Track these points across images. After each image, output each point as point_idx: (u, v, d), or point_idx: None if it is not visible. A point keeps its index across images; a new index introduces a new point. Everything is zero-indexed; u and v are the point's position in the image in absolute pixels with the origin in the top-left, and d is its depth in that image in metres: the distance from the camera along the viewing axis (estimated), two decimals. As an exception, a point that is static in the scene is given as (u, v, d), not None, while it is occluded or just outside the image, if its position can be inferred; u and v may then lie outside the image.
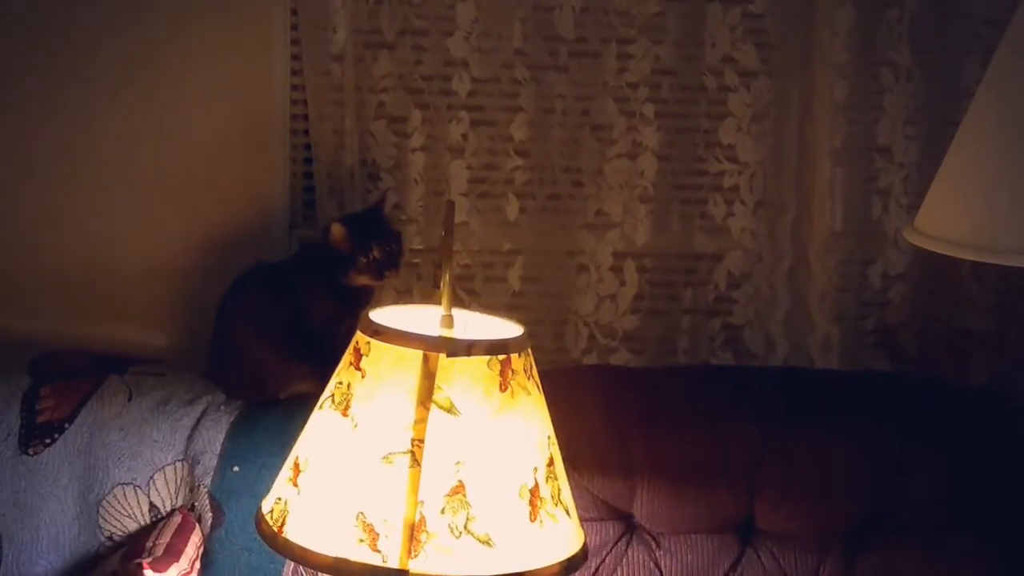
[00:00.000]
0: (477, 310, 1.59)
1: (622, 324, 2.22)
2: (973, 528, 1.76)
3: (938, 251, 1.62)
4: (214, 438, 1.94)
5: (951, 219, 1.59)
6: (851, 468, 1.77)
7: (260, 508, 1.50)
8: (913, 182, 2.17)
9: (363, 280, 1.97)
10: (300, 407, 1.57)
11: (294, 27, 2.14)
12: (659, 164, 2.20)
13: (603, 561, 1.79)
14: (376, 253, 1.96)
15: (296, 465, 1.47)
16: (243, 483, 1.90)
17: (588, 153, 2.19)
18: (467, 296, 2.19)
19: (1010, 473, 1.80)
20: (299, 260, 2.04)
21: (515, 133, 2.18)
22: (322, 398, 1.49)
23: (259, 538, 1.47)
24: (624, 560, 1.79)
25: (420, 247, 2.17)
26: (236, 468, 1.92)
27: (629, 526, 1.82)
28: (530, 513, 1.43)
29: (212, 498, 1.91)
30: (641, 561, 1.79)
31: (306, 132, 2.18)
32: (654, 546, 1.81)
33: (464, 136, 2.17)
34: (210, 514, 1.90)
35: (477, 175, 2.19)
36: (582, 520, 1.75)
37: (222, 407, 1.98)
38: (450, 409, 1.40)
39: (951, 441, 1.79)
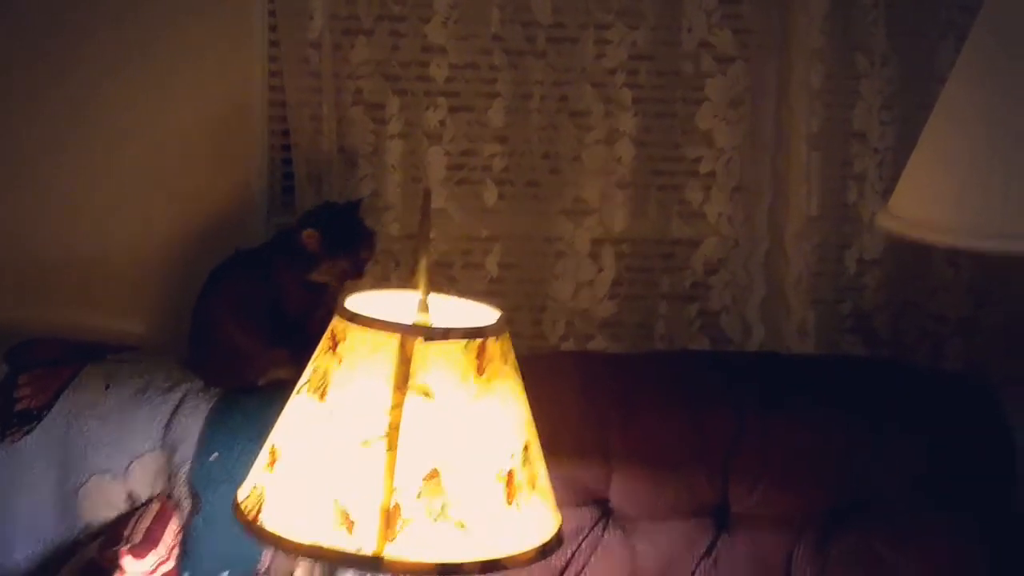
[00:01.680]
0: (454, 295, 1.60)
1: (600, 310, 2.23)
2: (947, 510, 1.78)
3: (910, 236, 1.63)
4: (192, 426, 1.94)
5: (924, 204, 1.60)
6: (825, 451, 1.78)
7: (236, 495, 1.50)
8: (888, 167, 2.18)
9: (324, 280, 1.97)
10: (278, 393, 1.57)
11: (271, 14, 2.14)
12: (636, 150, 2.20)
13: (579, 546, 1.80)
14: (343, 263, 1.95)
15: (273, 451, 1.47)
16: (221, 470, 1.90)
17: (566, 139, 2.20)
18: (445, 283, 2.19)
19: (983, 455, 1.81)
20: (275, 246, 2.04)
21: (493, 119, 2.18)
22: (299, 384, 1.49)
23: (237, 525, 1.48)
24: (600, 545, 1.80)
25: (398, 234, 2.17)
26: (214, 456, 1.92)
27: (605, 511, 1.83)
28: (506, 498, 1.44)
29: (190, 486, 1.91)
30: (617, 546, 1.80)
31: (284, 119, 2.17)
32: (630, 531, 1.81)
33: (442, 122, 2.17)
34: (188, 501, 1.90)
35: (455, 161, 2.19)
36: (558, 505, 1.76)
37: (200, 395, 1.98)
38: (426, 394, 1.40)
39: (924, 424, 1.81)
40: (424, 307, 1.50)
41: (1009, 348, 2.26)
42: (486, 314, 1.51)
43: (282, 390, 1.55)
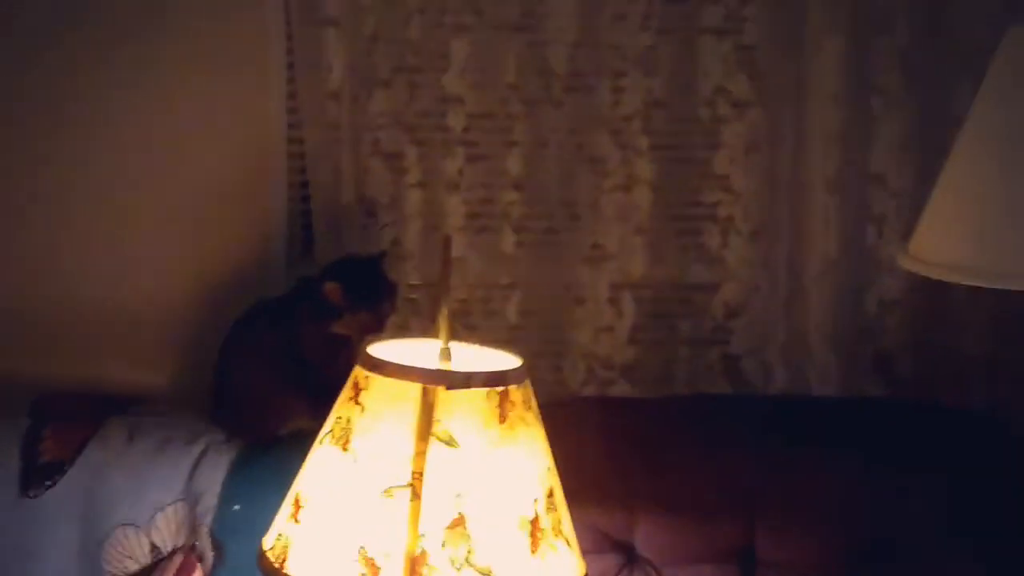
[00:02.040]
0: (475, 343, 1.60)
1: (620, 356, 2.23)
2: (973, 552, 1.76)
3: (932, 276, 1.64)
4: (214, 477, 1.94)
5: (944, 244, 1.61)
6: (850, 494, 1.77)
7: (261, 545, 1.50)
8: (906, 209, 2.18)
9: (346, 332, 1.96)
10: (299, 444, 1.57)
11: (290, 66, 2.16)
12: (654, 195, 2.21)
13: (605, 593, 1.79)
14: (365, 316, 1.95)
15: (297, 501, 1.47)
16: (244, 521, 1.90)
17: (583, 186, 2.20)
18: (465, 330, 2.19)
19: (1008, 497, 1.80)
20: (297, 296, 2.04)
21: (510, 167, 2.19)
22: (322, 433, 1.50)
23: (263, 574, 1.47)
24: (626, 592, 1.79)
25: (418, 282, 2.18)
26: (237, 507, 1.92)
27: (630, 557, 1.81)
28: (531, 545, 1.43)
29: (213, 537, 1.90)
30: (642, 592, 1.79)
31: (303, 170, 2.19)
32: (656, 576, 1.81)
33: (460, 171, 2.18)
34: (212, 553, 1.90)
35: (473, 209, 2.20)
36: (582, 552, 1.75)
37: (222, 446, 1.98)
38: (449, 441, 1.40)
39: (949, 465, 1.79)
40: (446, 355, 1.51)
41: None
42: (507, 361, 1.51)
43: (302, 441, 1.56)
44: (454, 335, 1.53)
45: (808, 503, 1.77)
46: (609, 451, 1.82)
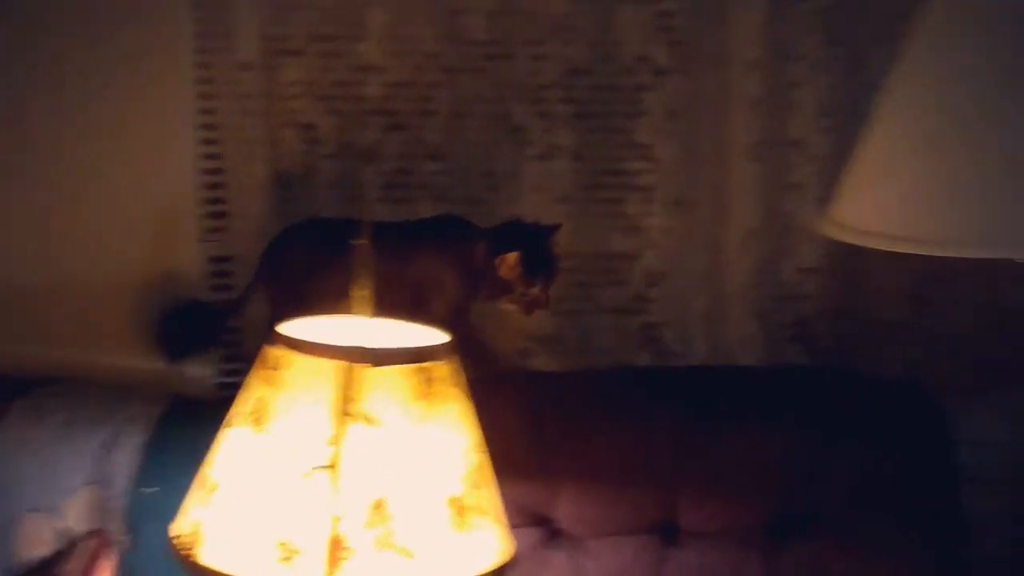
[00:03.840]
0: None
1: (542, 327, 2.21)
2: (893, 517, 1.78)
3: (850, 241, 1.63)
4: (127, 459, 1.88)
5: (862, 210, 1.60)
6: (771, 463, 1.77)
7: (171, 530, 1.46)
8: (827, 175, 2.18)
9: (509, 308, 1.88)
10: (215, 426, 1.52)
11: (199, 36, 2.09)
12: (575, 164, 2.19)
13: (525, 567, 1.76)
14: (538, 291, 1.87)
15: (208, 484, 1.43)
16: (157, 505, 1.84)
17: (504, 155, 2.17)
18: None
19: (926, 462, 1.82)
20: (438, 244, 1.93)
21: (428, 137, 2.15)
22: (231, 413, 1.45)
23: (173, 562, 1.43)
24: (547, 565, 1.78)
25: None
26: (150, 489, 1.87)
27: (551, 531, 1.80)
28: (455, 523, 1.41)
29: (125, 521, 1.85)
30: (564, 565, 1.78)
31: (216, 142, 2.13)
32: (577, 550, 1.79)
33: (377, 141, 2.14)
34: (124, 537, 1.85)
35: (392, 180, 2.16)
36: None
37: (135, 425, 1.93)
38: (369, 421, 1.37)
39: (868, 432, 1.80)
40: (367, 331, 1.47)
41: (949, 352, 2.28)
42: (432, 336, 1.48)
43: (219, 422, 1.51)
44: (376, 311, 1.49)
45: (729, 473, 1.77)
46: (529, 425, 1.81)
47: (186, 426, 1.92)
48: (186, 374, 2.12)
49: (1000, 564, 2.35)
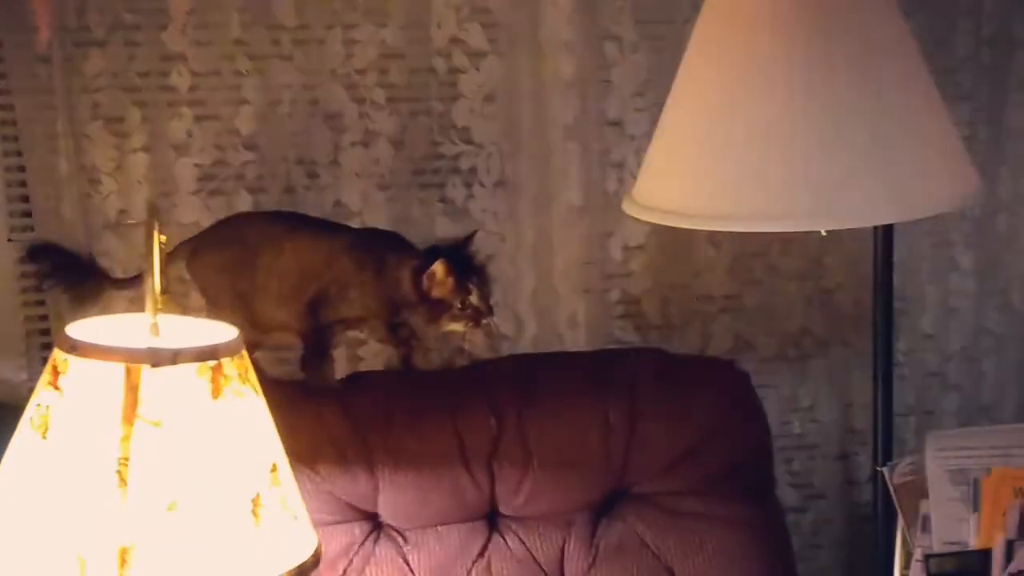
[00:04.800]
0: (191, 315, 1.53)
1: (369, 313, 2.18)
2: (706, 491, 1.80)
3: (649, 221, 1.65)
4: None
5: (661, 188, 1.62)
6: (584, 445, 1.78)
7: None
8: (645, 154, 2.19)
9: (456, 328, 1.80)
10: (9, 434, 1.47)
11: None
12: (394, 150, 2.17)
13: (350, 563, 1.76)
14: (475, 298, 1.78)
15: (-4, 496, 1.38)
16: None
17: (321, 143, 2.14)
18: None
19: (739, 436, 1.85)
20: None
21: (242, 127, 2.11)
22: (22, 421, 1.40)
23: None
24: (372, 559, 1.76)
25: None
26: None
27: (375, 525, 1.79)
28: (254, 522, 1.38)
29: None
30: (389, 558, 1.77)
31: (16, 138, 2.05)
32: (401, 542, 1.78)
33: (189, 133, 2.09)
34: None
35: (206, 172, 2.11)
36: (326, 524, 1.72)
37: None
38: (157, 423, 1.33)
39: (680, 409, 1.82)
40: (155, 330, 1.43)
41: (773, 326, 2.32)
42: (221, 333, 1.45)
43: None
44: (175, 308, 1.46)
45: (544, 457, 1.78)
46: (349, 420, 1.79)
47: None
48: (-4, 379, 2.06)
49: (830, 527, 2.42)
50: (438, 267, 1.77)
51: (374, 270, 1.82)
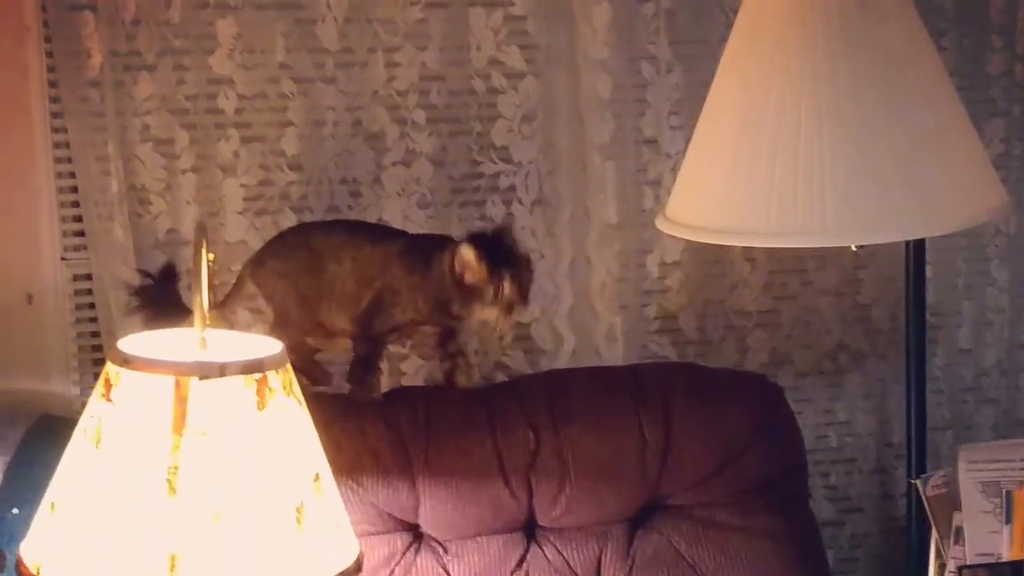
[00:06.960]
0: (239, 330, 1.58)
1: (410, 330, 2.23)
2: (743, 503, 1.83)
3: (683, 237, 1.68)
4: (-13, 480, 1.87)
5: (694, 205, 1.65)
6: (620, 458, 1.82)
7: (19, 553, 1.46)
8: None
9: (488, 316, 1.83)
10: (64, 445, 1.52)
11: (48, 54, 2.08)
12: (434, 169, 2.21)
13: (392, 572, 1.80)
14: (507, 285, 1.80)
15: (52, 504, 1.43)
16: (24, 525, 1.83)
17: (363, 163, 2.19)
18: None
19: (773, 450, 1.87)
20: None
21: (287, 148, 2.16)
22: (76, 431, 1.46)
23: (20, 583, 1.43)
24: (413, 569, 1.80)
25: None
26: (15, 510, 1.85)
27: (416, 536, 1.83)
28: (298, 530, 1.43)
29: (-12, 544, 1.84)
30: (430, 568, 1.81)
31: (69, 160, 2.12)
32: (442, 552, 1.82)
33: (235, 154, 2.15)
34: (-11, 561, 1.84)
35: (251, 192, 2.17)
36: (368, 534, 1.76)
37: (-4, 446, 1.92)
38: (205, 433, 1.38)
39: (716, 423, 1.85)
40: (202, 344, 1.48)
41: (809, 341, 2.34)
42: (266, 347, 1.50)
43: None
44: (224, 323, 1.51)
45: (581, 470, 1.81)
46: (390, 433, 1.83)
47: (49, 445, 1.90)
48: (50, 392, 2.12)
49: (867, 540, 2.43)
50: (465, 249, 1.81)
51: (423, 271, 1.87)
